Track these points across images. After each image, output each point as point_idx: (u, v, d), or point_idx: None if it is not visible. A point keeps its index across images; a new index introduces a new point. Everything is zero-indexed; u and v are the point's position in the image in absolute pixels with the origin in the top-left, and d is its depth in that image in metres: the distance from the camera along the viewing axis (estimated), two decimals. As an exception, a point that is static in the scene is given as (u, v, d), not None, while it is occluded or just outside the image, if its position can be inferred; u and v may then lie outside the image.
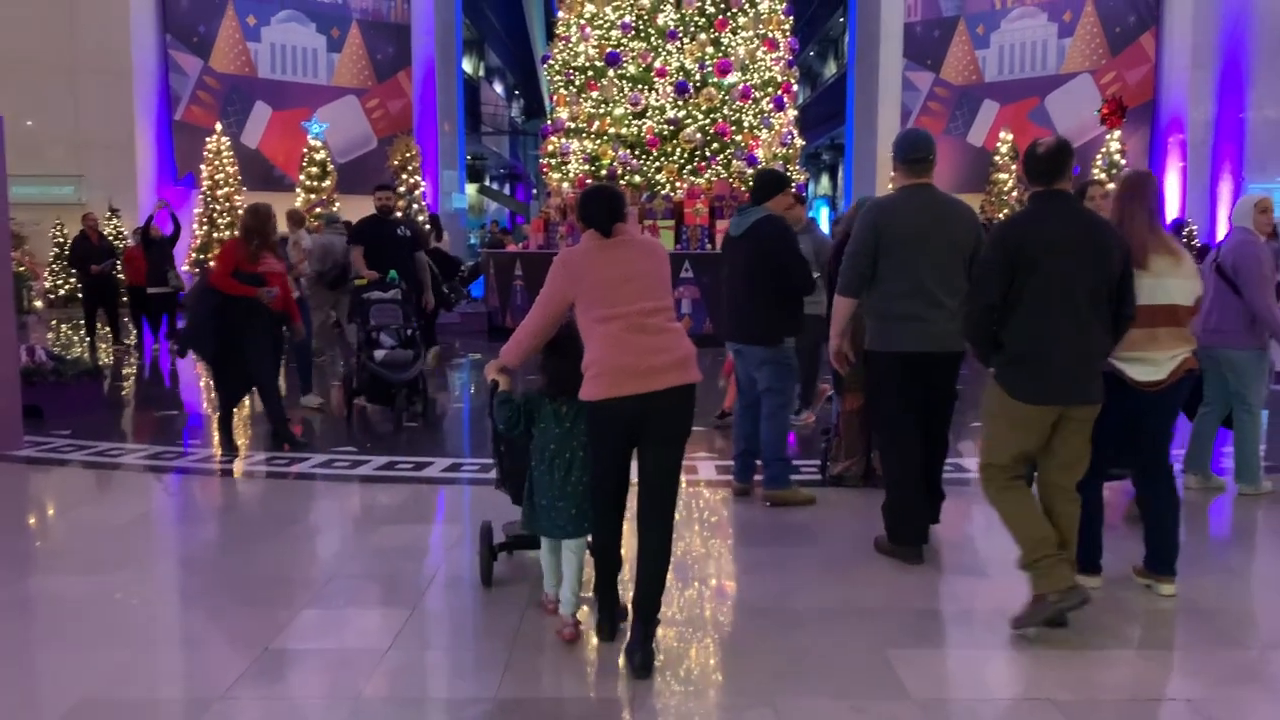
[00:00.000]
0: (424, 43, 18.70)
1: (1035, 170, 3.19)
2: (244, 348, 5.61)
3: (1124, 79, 15.84)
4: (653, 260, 3.07)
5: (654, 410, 2.90)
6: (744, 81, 11.88)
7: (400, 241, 7.16)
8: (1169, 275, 3.27)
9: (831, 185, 37.14)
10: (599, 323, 2.95)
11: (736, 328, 4.50)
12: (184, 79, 15.98)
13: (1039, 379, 3.04)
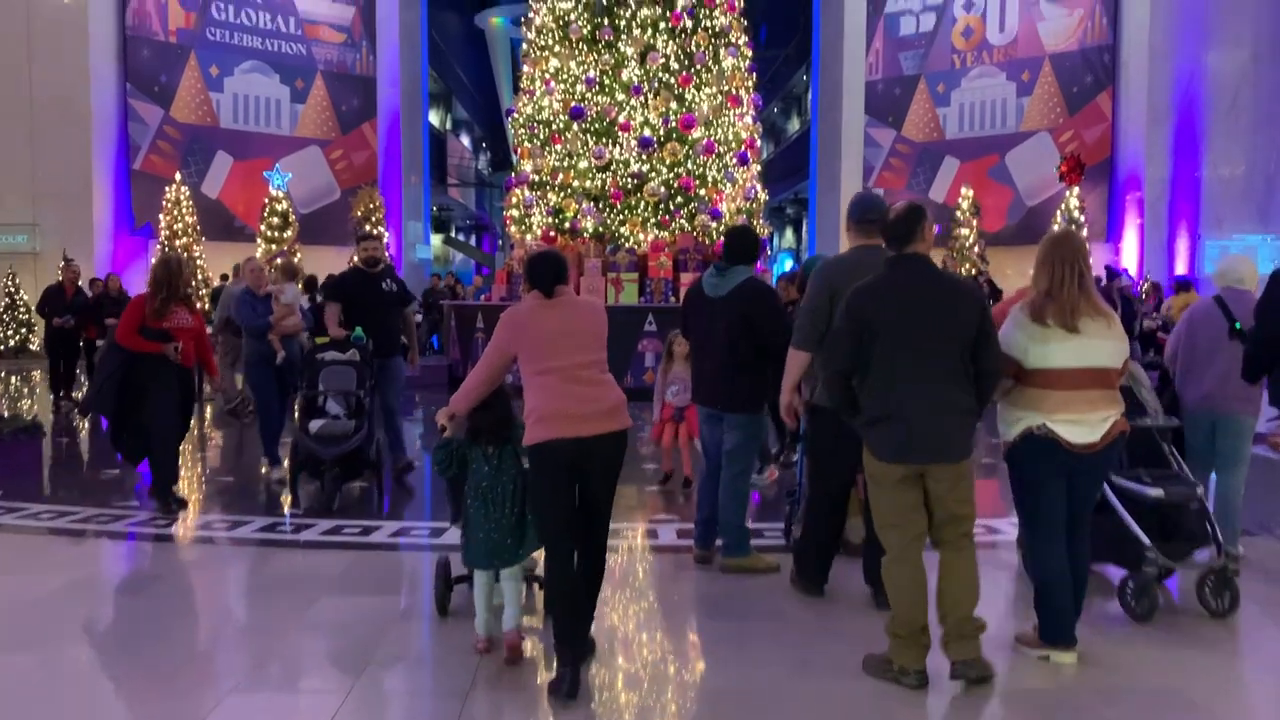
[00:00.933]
0: (389, 95, 18.68)
1: (888, 234, 3.31)
2: (147, 406, 5.37)
3: (1082, 137, 16.08)
4: (589, 319, 3.44)
5: (588, 453, 3.26)
6: (708, 136, 11.90)
7: (386, 297, 6.42)
8: (1099, 337, 3.24)
9: (795, 238, 37.41)
10: (538, 374, 3.31)
11: (715, 394, 4.34)
12: (144, 128, 15.80)
13: (896, 438, 3.14)
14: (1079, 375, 3.22)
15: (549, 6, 12.30)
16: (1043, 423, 3.22)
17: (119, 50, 15.52)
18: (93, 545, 5.01)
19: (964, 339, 3.13)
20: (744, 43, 12.60)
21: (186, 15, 16.20)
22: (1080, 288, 3.25)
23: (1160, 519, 3.88)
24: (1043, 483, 3.25)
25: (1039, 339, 3.24)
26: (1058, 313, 3.21)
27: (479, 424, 3.50)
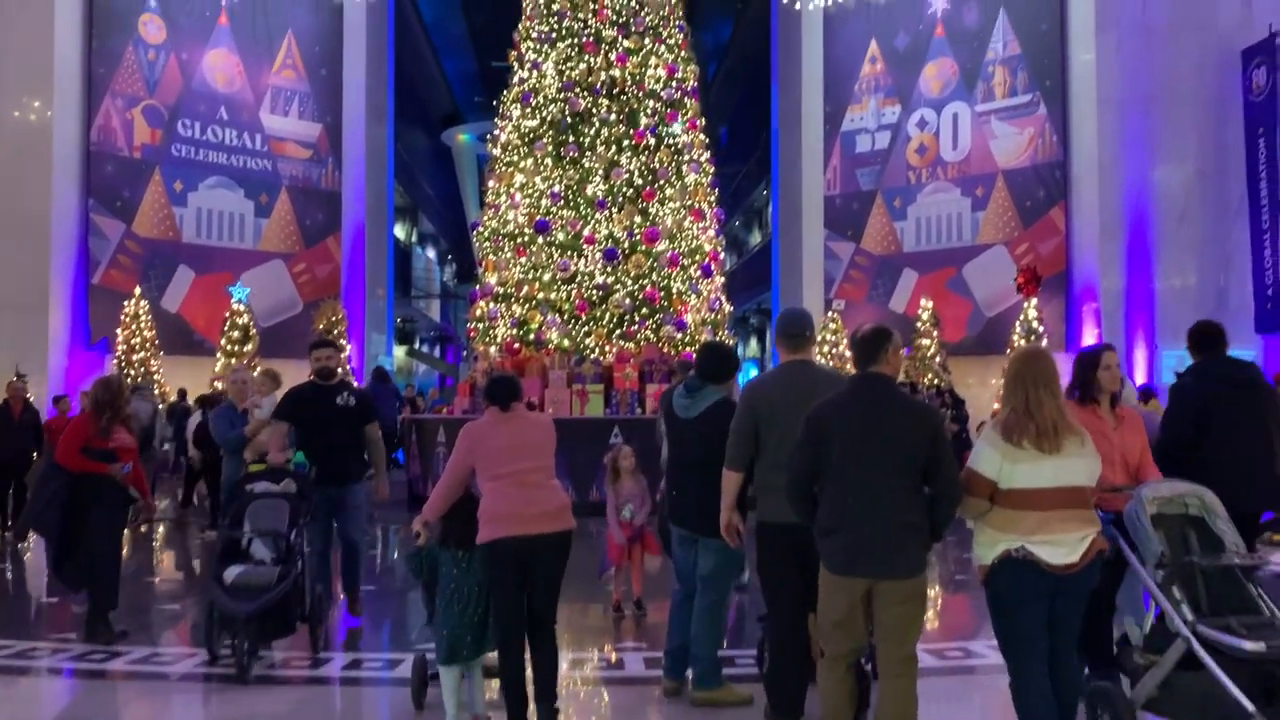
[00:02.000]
0: (354, 209, 18.77)
1: (854, 354, 3.48)
2: (89, 529, 5.15)
3: (1037, 250, 16.42)
4: (538, 431, 4.04)
5: (534, 549, 3.75)
6: (672, 249, 12.01)
7: (343, 414, 5.62)
8: (1074, 456, 3.22)
9: (760, 348, 37.69)
10: (491, 479, 3.88)
11: (689, 516, 4.21)
12: (105, 243, 15.70)
13: (845, 550, 3.22)
14: (1055, 495, 3.19)
15: (515, 124, 12.51)
16: (1021, 544, 3.16)
17: (82, 166, 15.50)
18: (23, 683, 4.70)
19: (915, 459, 3.21)
20: (705, 159, 12.85)
21: (153, 132, 16.28)
22: (1059, 408, 3.24)
23: (1261, 676, 3.29)
24: (1023, 605, 3.18)
25: (1012, 459, 3.20)
26: (1034, 434, 3.18)
27: (448, 530, 3.89)
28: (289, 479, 5.21)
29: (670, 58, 12.56)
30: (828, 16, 18.87)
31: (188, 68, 16.66)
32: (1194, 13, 15.58)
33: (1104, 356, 4.05)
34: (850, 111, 18.63)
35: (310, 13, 18.13)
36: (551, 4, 12.45)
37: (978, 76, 17.20)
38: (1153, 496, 3.58)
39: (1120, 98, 15.63)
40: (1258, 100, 14.72)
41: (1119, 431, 3.97)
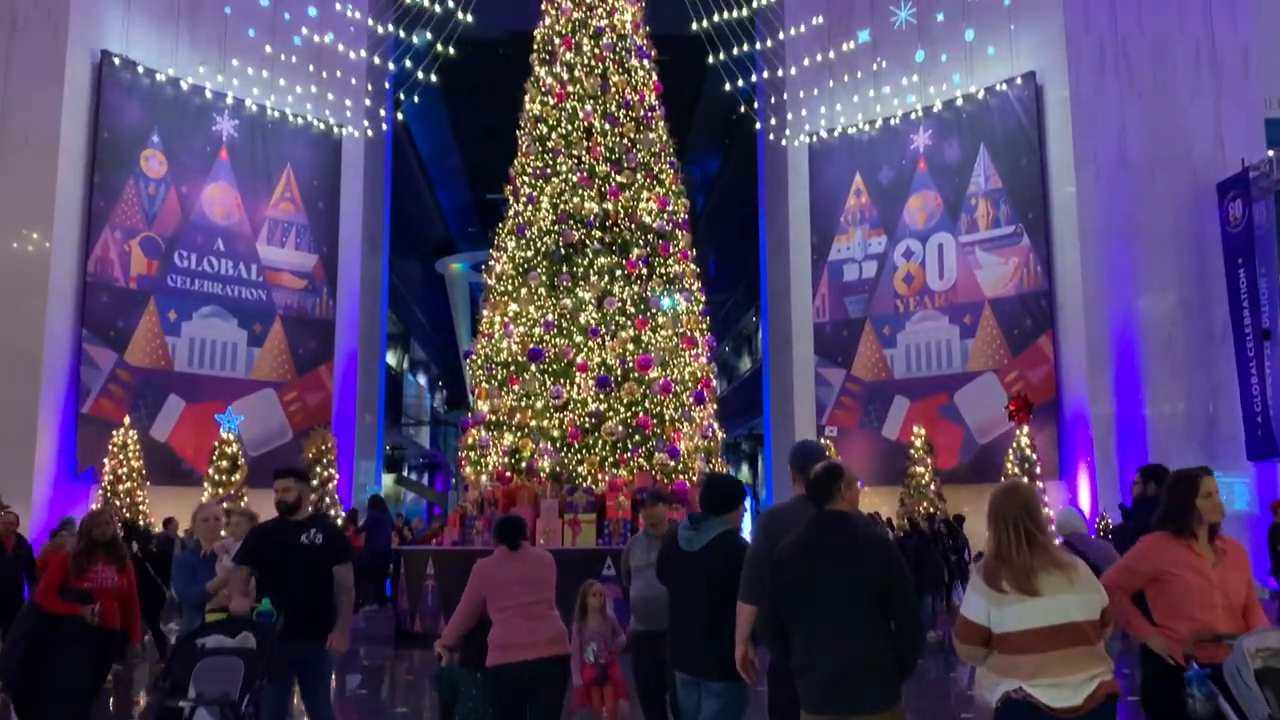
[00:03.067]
0: (348, 337, 18.86)
1: (810, 494, 3.49)
2: (50, 683, 4.87)
3: (1026, 378, 16.53)
4: (541, 567, 4.81)
5: (535, 673, 4.41)
6: (664, 376, 12.05)
7: (306, 553, 4.96)
8: (1062, 593, 3.10)
9: (752, 474, 37.51)
10: (499, 610, 4.61)
11: (693, 658, 4.10)
12: (96, 372, 15.65)
13: (814, 689, 3.27)
14: (1050, 635, 3.08)
15: (509, 255, 12.71)
16: (1019, 686, 3.07)
17: (78, 297, 15.58)
18: None
19: (872, 591, 3.25)
20: (697, 288, 13.04)
21: (149, 263, 16.45)
22: (1031, 545, 3.14)
23: None
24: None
25: (997, 603, 3.14)
26: (1010, 576, 3.11)
27: (467, 654, 4.53)
28: (247, 631, 4.54)
29: (661, 192, 12.87)
30: (812, 151, 19.43)
31: (187, 201, 16.96)
32: (1168, 148, 16.13)
33: (1203, 483, 3.69)
34: (837, 241, 18.99)
35: (309, 148, 18.58)
36: (546, 141, 12.81)
37: (961, 209, 17.63)
38: (1258, 648, 3.28)
39: (1101, 229, 16.01)
40: (1235, 231, 15.10)
41: (1219, 568, 3.63)
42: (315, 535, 5.08)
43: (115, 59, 16.08)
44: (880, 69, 18.84)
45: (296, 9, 18.48)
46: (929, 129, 18.14)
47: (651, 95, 13.33)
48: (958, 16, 18.00)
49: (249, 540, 5.22)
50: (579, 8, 13.19)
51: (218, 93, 17.43)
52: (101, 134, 15.87)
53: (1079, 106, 16.29)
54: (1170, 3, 16.51)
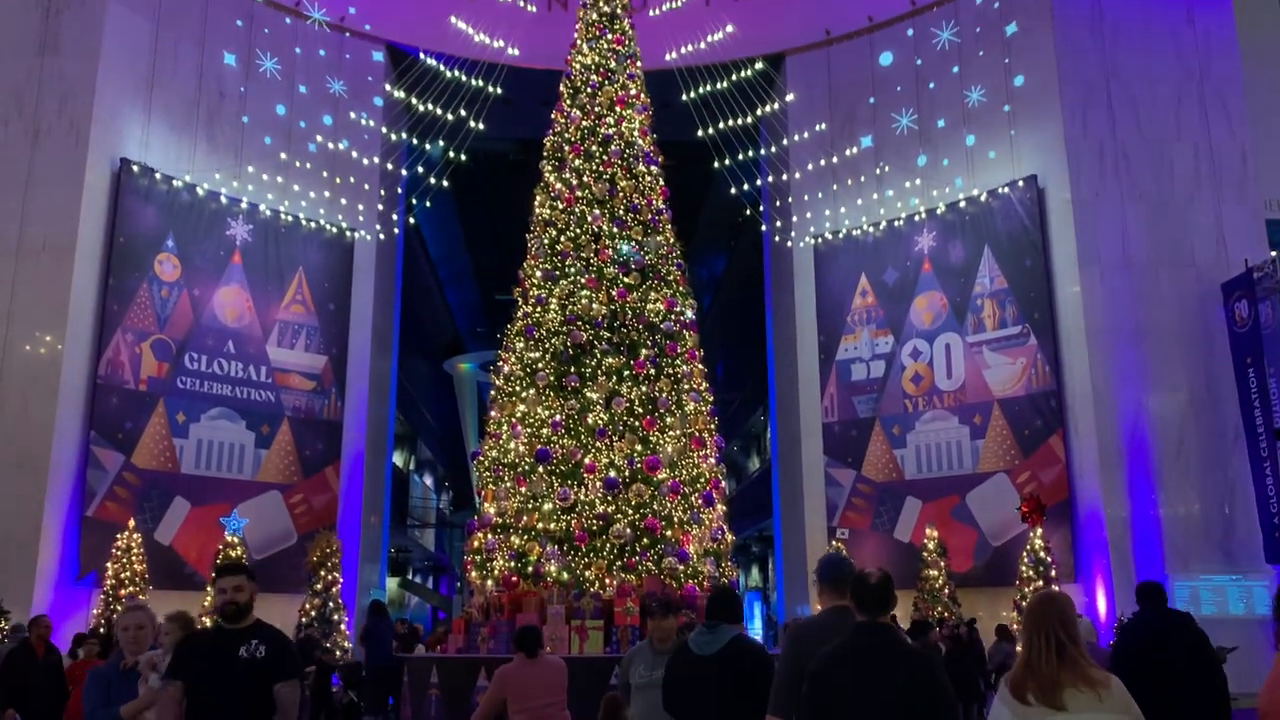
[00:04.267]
0: (355, 439, 18.83)
1: (860, 601, 3.46)
2: None
3: (1038, 478, 16.37)
4: (555, 673, 5.79)
5: None
6: (673, 477, 11.96)
7: (246, 669, 4.33)
8: (1089, 711, 2.99)
9: (762, 578, 36.96)
10: (518, 712, 5.47)
11: None
12: (102, 474, 15.60)
13: None
14: None
15: (518, 355, 12.75)
16: None
17: (88, 399, 15.62)
18: None
19: (915, 707, 3.20)
20: (705, 388, 13.03)
21: (160, 365, 16.53)
22: (1060, 659, 3.06)
23: None
24: None
25: (1022, 716, 3.03)
26: (1036, 688, 3.02)
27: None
28: None
29: (669, 293, 12.97)
30: (818, 252, 19.65)
31: (199, 303, 17.14)
32: (1171, 250, 16.29)
33: None
34: (844, 341, 19.06)
35: (321, 251, 18.84)
36: (556, 245, 12.98)
37: (967, 309, 17.72)
38: None
39: (1108, 329, 16.05)
40: (1242, 331, 15.12)
41: None
42: (257, 648, 4.42)
43: (134, 166, 16.44)
44: (883, 173, 19.18)
45: (312, 117, 19.00)
46: (933, 231, 18.36)
47: (659, 200, 13.55)
48: (958, 122, 18.41)
49: (179, 652, 4.55)
50: (588, 117, 13.51)
51: (233, 198, 17.78)
52: (118, 238, 16.13)
53: (1081, 209, 16.51)
54: (1167, 107, 16.86)
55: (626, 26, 14.09)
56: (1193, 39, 17.10)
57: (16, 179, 15.44)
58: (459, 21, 18.48)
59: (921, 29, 19.04)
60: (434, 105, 17.56)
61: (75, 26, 16.14)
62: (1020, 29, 17.68)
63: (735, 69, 18.67)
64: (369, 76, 19.74)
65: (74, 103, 15.88)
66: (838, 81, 19.91)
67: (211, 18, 17.93)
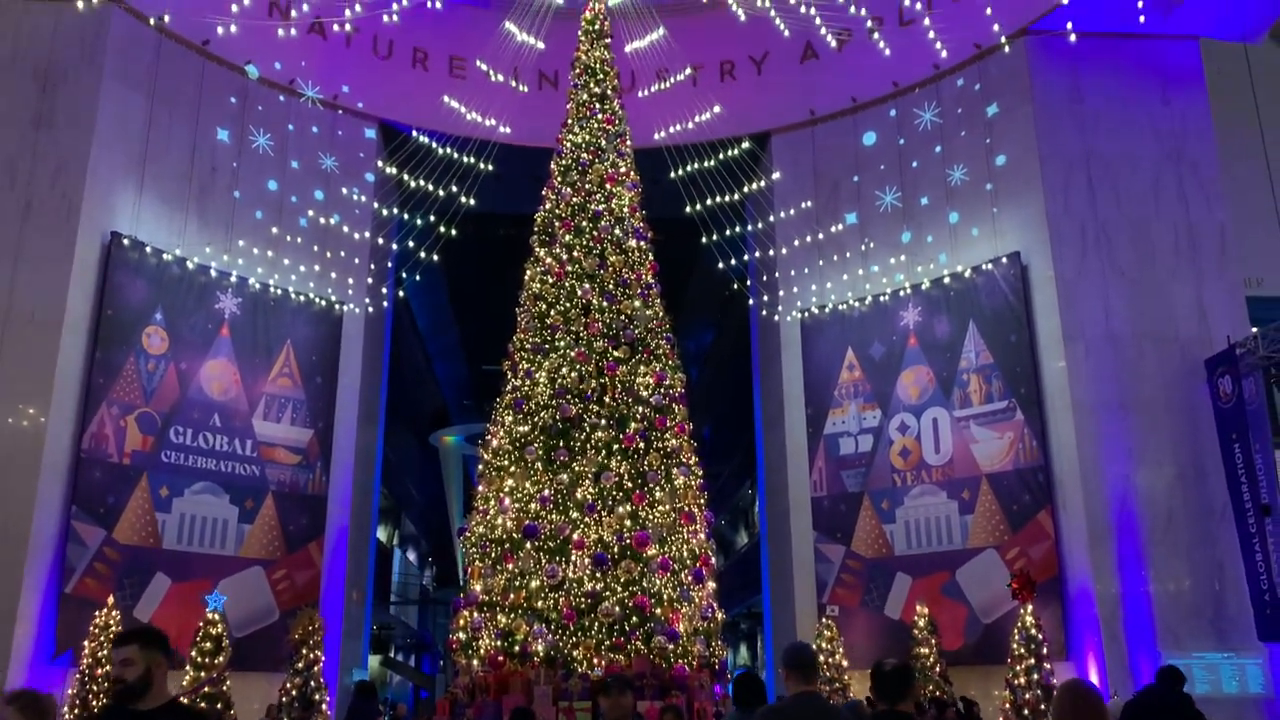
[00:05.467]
0: (339, 514, 18.65)
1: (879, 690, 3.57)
2: None
3: (1028, 554, 16.30)
4: None
5: None
6: (663, 553, 11.84)
7: None
8: None
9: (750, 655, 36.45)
10: None
11: None
12: (82, 550, 15.36)
13: None
14: None
15: (506, 429, 12.70)
16: None
17: (70, 474, 15.44)
18: None
19: None
20: (694, 462, 12.98)
21: (144, 439, 16.40)
22: None
23: None
24: None
25: None
26: None
27: None
28: None
29: (658, 366, 12.99)
30: (805, 326, 19.79)
31: (185, 377, 17.07)
32: (1154, 325, 16.49)
33: None
34: (832, 415, 19.09)
35: (309, 324, 18.85)
36: (545, 318, 13.02)
37: (953, 384, 17.81)
38: None
39: (1094, 404, 16.15)
40: (1227, 407, 15.22)
41: None
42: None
43: (125, 239, 16.50)
44: (868, 249, 19.43)
45: (304, 192, 19.17)
46: (918, 306, 18.53)
47: (648, 274, 13.65)
48: (941, 200, 18.72)
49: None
50: (579, 193, 13.67)
51: (222, 271, 17.83)
52: (106, 311, 16.12)
53: (1064, 285, 16.72)
54: (1146, 186, 17.20)
55: (617, 107, 14.33)
56: (1169, 119, 17.52)
57: (6, 251, 15.48)
58: (451, 100, 18.79)
59: (904, 109, 19.46)
60: (425, 181, 17.77)
61: (71, 101, 16.33)
62: (1000, 110, 18.09)
63: (722, 147, 19.03)
64: (361, 153, 19.98)
65: (67, 176, 16.00)
66: (822, 160, 20.26)
67: (206, 94, 18.16)
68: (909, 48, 18.86)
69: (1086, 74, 17.71)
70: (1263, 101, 16.46)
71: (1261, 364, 15.02)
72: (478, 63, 19.13)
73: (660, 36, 16.59)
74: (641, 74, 18.58)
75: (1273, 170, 16.13)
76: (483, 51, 18.31)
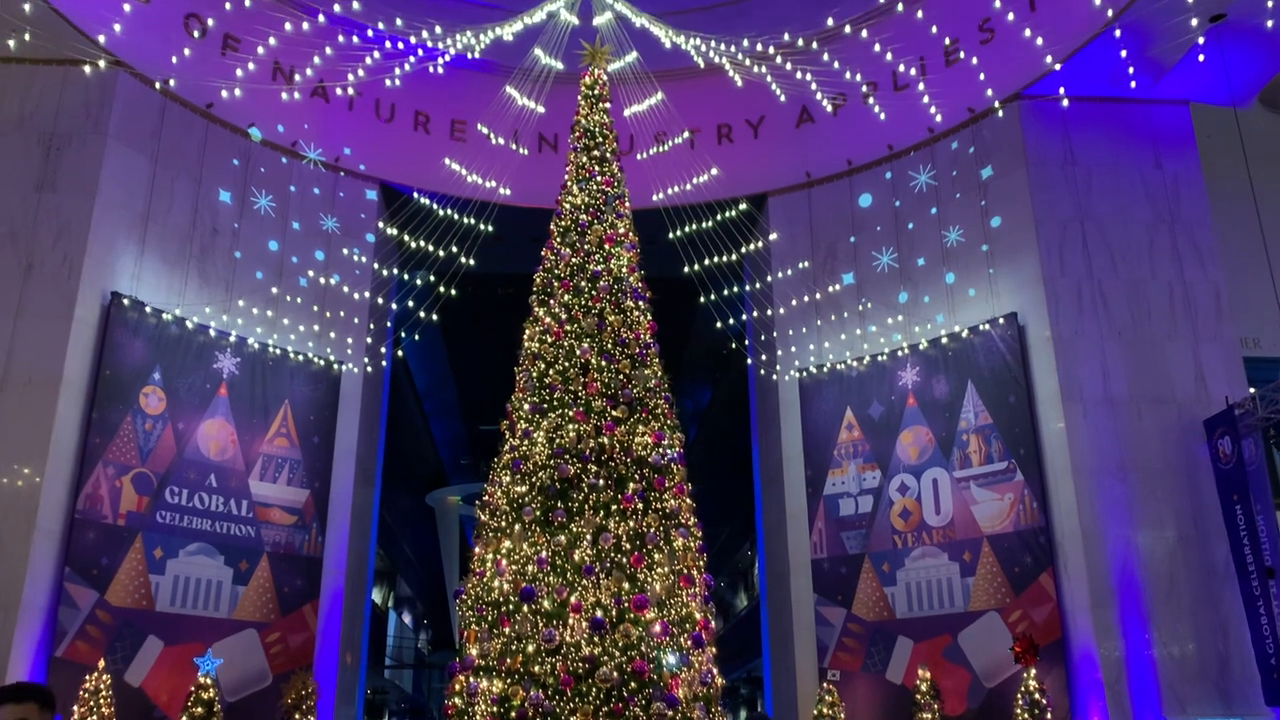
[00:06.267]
0: (335, 575, 18.47)
1: None
2: None
3: (1030, 617, 16.13)
4: None
5: None
6: (661, 617, 11.70)
7: None
8: None
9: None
10: None
11: None
12: (74, 613, 15.17)
13: None
14: None
15: (504, 489, 12.62)
16: None
17: (64, 535, 15.29)
18: None
19: None
20: (693, 523, 12.88)
21: (140, 499, 16.30)
22: None
23: None
24: None
25: None
26: None
27: None
28: None
29: (657, 425, 12.95)
30: (803, 385, 19.79)
31: (183, 436, 17.02)
32: (1152, 386, 16.51)
33: None
34: (831, 475, 19.01)
35: (307, 384, 18.84)
36: (544, 378, 13.01)
37: (953, 444, 17.77)
38: None
39: (1094, 466, 16.10)
40: (1227, 468, 15.18)
41: None
42: None
43: (124, 300, 16.55)
44: (866, 309, 19.51)
45: (304, 253, 19.30)
46: (916, 366, 18.56)
47: (646, 334, 13.66)
48: (938, 261, 18.85)
49: None
50: (577, 254, 13.74)
51: (222, 331, 17.86)
52: (104, 372, 16.11)
53: (1061, 346, 16.77)
54: (1141, 248, 17.34)
55: (616, 169, 14.48)
56: (1161, 182, 17.73)
57: (6, 311, 15.52)
58: (452, 162, 19.00)
59: (899, 172, 19.67)
60: (425, 241, 17.90)
61: (75, 164, 16.49)
62: (995, 172, 18.29)
63: (720, 208, 19.20)
64: (362, 214, 20.15)
65: (68, 237, 16.09)
66: (819, 221, 20.44)
67: (209, 156, 18.36)
68: (903, 112, 19.14)
69: (1079, 137, 17.96)
70: (1254, 164, 16.67)
71: (1260, 425, 15.01)
72: (479, 126, 19.37)
73: (658, 101, 16.82)
74: (640, 137, 18.82)
75: (1266, 232, 16.30)
76: (484, 115, 18.54)
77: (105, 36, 16.65)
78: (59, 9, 15.99)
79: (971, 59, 18.34)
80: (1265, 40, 16.52)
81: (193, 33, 17.97)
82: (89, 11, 16.48)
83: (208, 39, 18.16)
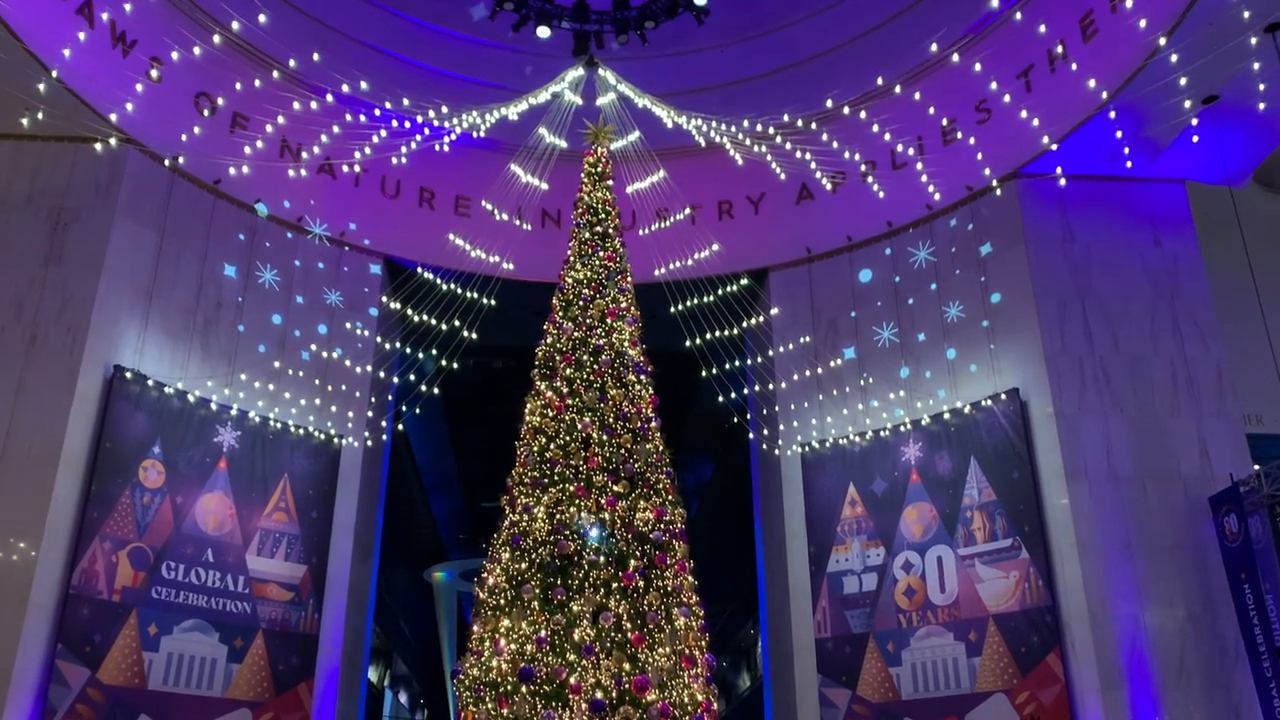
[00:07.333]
0: (330, 653, 18.16)
1: None
2: None
3: (1038, 699, 15.82)
4: None
5: None
6: (662, 699, 11.48)
7: None
8: None
9: (752, 804, 34.95)
10: None
11: None
12: (65, 691, 14.88)
13: None
14: None
15: (503, 566, 12.49)
16: None
17: (58, 611, 15.09)
18: None
19: None
20: (695, 602, 12.71)
21: (135, 574, 16.11)
22: None
23: None
24: None
25: None
26: None
27: None
28: None
29: (658, 501, 12.86)
30: (805, 460, 19.68)
31: (181, 511, 16.89)
32: (1156, 463, 16.42)
33: None
34: (835, 552, 18.80)
35: (307, 458, 18.75)
36: (545, 452, 12.96)
37: (957, 521, 17.60)
38: None
39: (1099, 543, 15.94)
40: (1234, 546, 15.04)
41: None
42: None
43: (127, 373, 16.56)
44: (867, 384, 19.51)
45: (307, 326, 19.37)
46: (919, 442, 18.48)
47: (648, 408, 13.65)
48: (939, 336, 18.90)
49: None
50: (579, 328, 13.80)
51: (223, 405, 17.84)
52: (104, 445, 16.05)
53: (1064, 422, 16.71)
54: (1141, 325, 17.39)
55: (618, 244, 14.61)
56: (1160, 259, 17.85)
57: (8, 385, 15.53)
58: (456, 238, 19.18)
59: (899, 248, 19.83)
60: (429, 315, 17.98)
61: (82, 238, 16.65)
62: (994, 249, 18.44)
63: (721, 283, 19.33)
64: (365, 288, 20.26)
65: (73, 311, 16.17)
66: (820, 296, 20.54)
67: (215, 231, 18.54)
68: (902, 189, 19.38)
69: (1077, 215, 18.13)
70: (1251, 242, 16.82)
71: (1266, 502, 14.88)
72: (483, 202, 19.59)
73: (660, 178, 17.06)
74: (642, 213, 19.04)
75: (1265, 308, 16.36)
76: (488, 191, 18.78)
77: (117, 115, 16.95)
78: (73, 88, 16.30)
79: (969, 138, 18.62)
80: (1258, 121, 16.78)
81: (203, 111, 18.27)
82: (103, 90, 16.79)
83: (217, 117, 18.45)
